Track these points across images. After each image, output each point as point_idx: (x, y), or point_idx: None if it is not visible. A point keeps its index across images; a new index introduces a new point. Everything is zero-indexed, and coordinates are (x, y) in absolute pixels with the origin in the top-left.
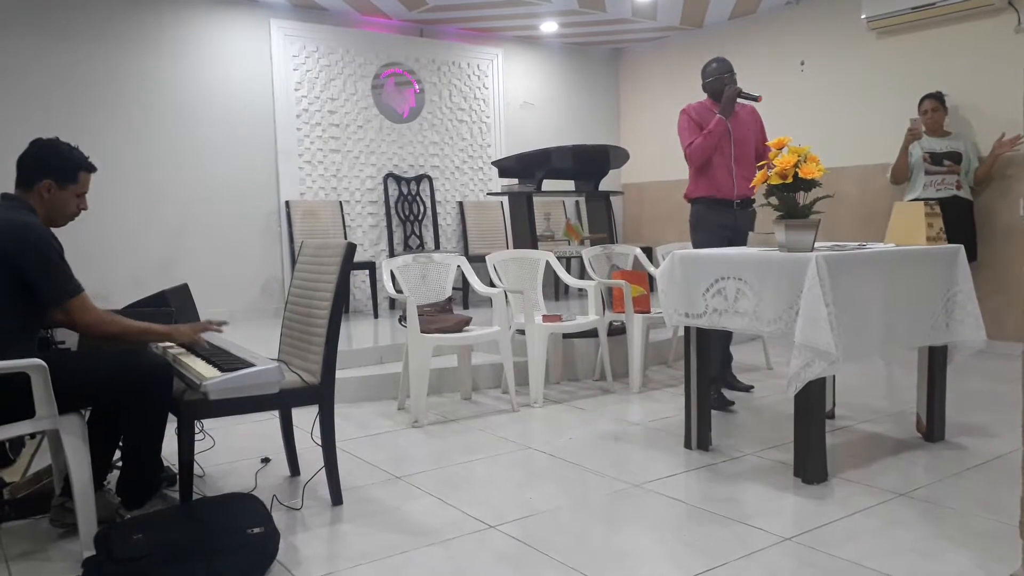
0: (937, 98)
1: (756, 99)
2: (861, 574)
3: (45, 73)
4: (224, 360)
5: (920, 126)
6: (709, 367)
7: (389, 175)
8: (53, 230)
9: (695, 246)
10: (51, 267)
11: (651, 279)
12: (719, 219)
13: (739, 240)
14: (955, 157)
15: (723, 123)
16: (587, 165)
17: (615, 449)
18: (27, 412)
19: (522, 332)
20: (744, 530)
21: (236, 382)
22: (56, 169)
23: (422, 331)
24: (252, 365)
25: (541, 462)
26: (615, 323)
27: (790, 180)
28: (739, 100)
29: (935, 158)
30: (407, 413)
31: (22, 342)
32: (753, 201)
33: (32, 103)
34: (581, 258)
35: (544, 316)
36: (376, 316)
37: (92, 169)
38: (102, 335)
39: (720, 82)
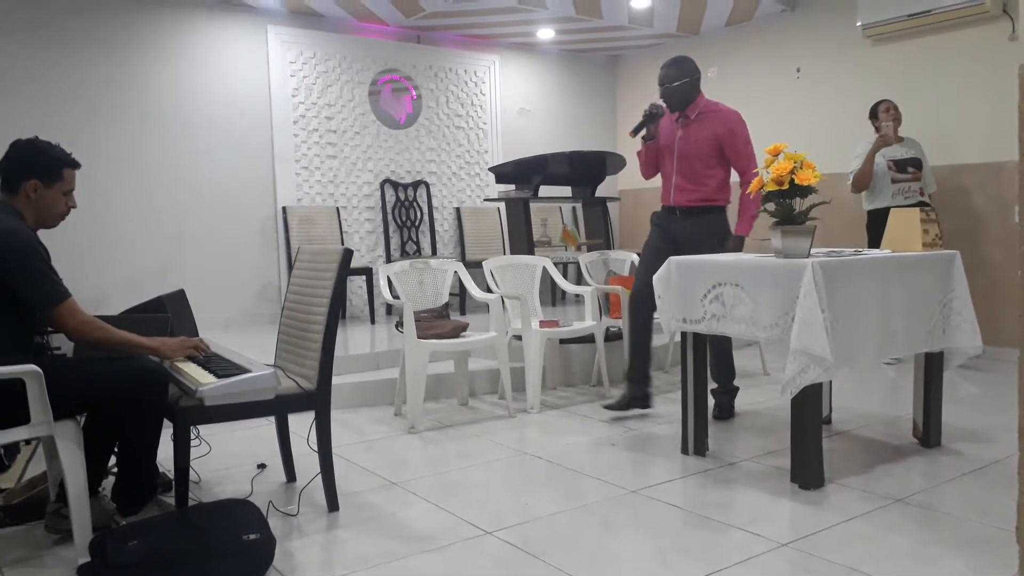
0: (893, 103)
1: (633, 133)
2: None
3: (42, 79)
4: (220, 366)
5: (891, 132)
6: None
7: (386, 181)
8: (40, 234)
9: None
10: (36, 273)
11: None
12: (664, 224)
13: (687, 249)
14: (917, 164)
15: (644, 148)
16: (584, 171)
17: (612, 455)
18: (22, 418)
19: (519, 338)
20: (741, 536)
21: (232, 388)
22: (40, 168)
23: (419, 337)
24: (248, 371)
25: (538, 468)
26: (612, 329)
27: (786, 186)
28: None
29: (900, 165)
30: (403, 419)
31: (16, 348)
32: (704, 211)
33: (28, 109)
34: (578, 264)
35: (541, 322)
36: (373, 322)
37: (76, 165)
38: (89, 340)
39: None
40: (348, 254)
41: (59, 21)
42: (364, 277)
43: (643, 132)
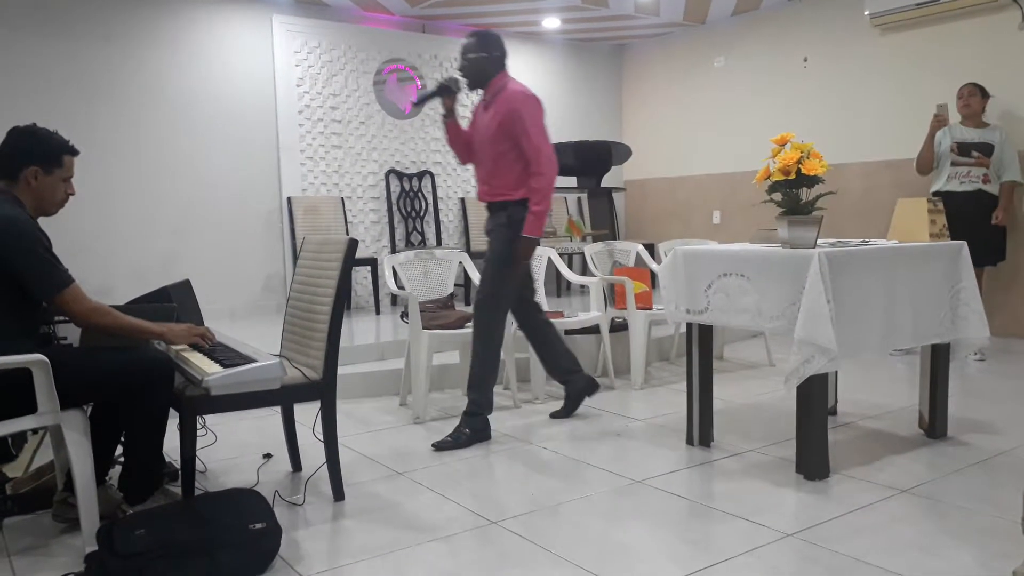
0: (976, 85)
1: (416, 104)
2: (863, 570)
3: (46, 69)
4: (226, 356)
5: (946, 112)
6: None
7: (391, 171)
8: (44, 224)
9: None
10: (38, 260)
11: (653, 276)
12: (487, 223)
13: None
14: (985, 149)
15: (447, 127)
16: (589, 161)
17: (617, 445)
18: (29, 408)
19: None
20: (746, 526)
21: (238, 378)
22: (40, 155)
23: (424, 327)
24: (254, 361)
25: (543, 458)
26: (617, 319)
27: (793, 176)
28: (482, 93)
29: (963, 148)
30: (409, 409)
31: (22, 337)
32: (500, 207)
33: (33, 99)
34: (583, 255)
35: (546, 313)
36: (378, 312)
37: (75, 152)
38: (96, 325)
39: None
40: (353, 244)
41: (62, 10)
42: (369, 267)
43: (427, 103)
